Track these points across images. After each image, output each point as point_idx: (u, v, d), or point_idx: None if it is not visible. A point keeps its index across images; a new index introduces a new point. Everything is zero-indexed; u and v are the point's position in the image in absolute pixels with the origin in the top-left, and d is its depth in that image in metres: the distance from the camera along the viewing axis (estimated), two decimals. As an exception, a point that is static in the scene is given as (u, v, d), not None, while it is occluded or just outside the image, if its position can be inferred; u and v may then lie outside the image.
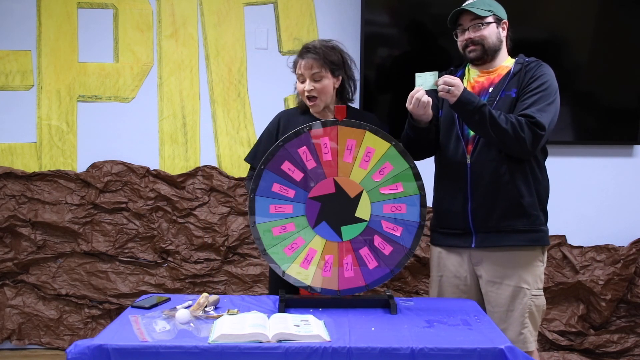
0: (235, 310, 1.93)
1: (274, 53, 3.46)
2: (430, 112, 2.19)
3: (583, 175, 3.47)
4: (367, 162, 1.99)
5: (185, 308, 1.90)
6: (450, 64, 2.46)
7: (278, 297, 2.04)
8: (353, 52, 3.37)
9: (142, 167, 3.47)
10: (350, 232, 2.01)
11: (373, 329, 1.81)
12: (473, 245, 2.25)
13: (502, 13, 2.28)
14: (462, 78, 2.32)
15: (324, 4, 3.45)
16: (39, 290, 3.50)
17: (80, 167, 3.50)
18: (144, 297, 2.15)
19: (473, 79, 2.30)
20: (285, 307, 1.98)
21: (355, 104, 3.34)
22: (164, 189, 3.47)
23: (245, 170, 2.85)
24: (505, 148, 2.14)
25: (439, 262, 2.38)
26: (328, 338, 1.71)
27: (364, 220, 2.01)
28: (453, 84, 2.09)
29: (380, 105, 3.41)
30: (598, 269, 3.40)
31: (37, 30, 3.44)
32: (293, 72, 2.34)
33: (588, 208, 3.48)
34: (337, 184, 2.00)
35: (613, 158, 3.48)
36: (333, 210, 2.00)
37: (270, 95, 3.44)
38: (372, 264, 2.03)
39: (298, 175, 1.99)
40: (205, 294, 2.00)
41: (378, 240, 2.02)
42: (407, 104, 2.16)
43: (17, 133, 3.48)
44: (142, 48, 3.46)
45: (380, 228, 2.02)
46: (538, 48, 3.25)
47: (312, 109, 2.32)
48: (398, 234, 2.02)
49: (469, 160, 2.23)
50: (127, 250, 3.49)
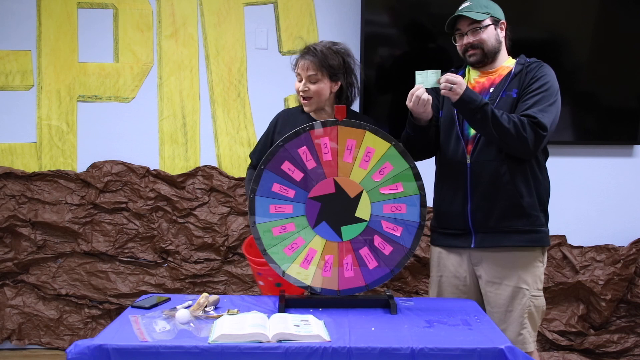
0: (235, 310, 1.93)
1: (274, 53, 3.46)
2: (430, 110, 2.19)
3: (583, 175, 3.47)
4: (367, 162, 1.99)
5: (185, 308, 1.90)
6: (451, 64, 2.46)
7: (278, 297, 2.05)
8: (353, 52, 3.37)
9: (142, 167, 3.47)
10: (350, 232, 2.01)
11: (373, 329, 1.81)
12: (473, 246, 2.25)
13: (499, 13, 2.27)
14: (463, 78, 2.32)
15: (324, 4, 3.45)
16: (39, 290, 3.50)
17: (80, 167, 3.50)
18: (144, 297, 2.15)
19: (474, 80, 2.30)
20: (285, 307, 1.98)
21: (356, 104, 3.36)
22: (164, 189, 3.47)
23: (246, 171, 2.85)
24: (507, 148, 2.14)
25: (439, 262, 2.38)
26: (328, 338, 1.71)
27: (364, 220, 2.01)
28: (455, 82, 2.09)
29: (380, 106, 3.40)
30: (598, 269, 3.40)
31: (37, 30, 3.44)
32: (293, 70, 2.34)
33: (588, 208, 3.48)
34: (337, 184, 2.00)
35: (613, 158, 3.48)
36: (333, 210, 2.00)
37: (270, 95, 3.44)
38: (372, 264, 2.03)
39: (298, 175, 1.99)
40: (205, 294, 2.00)
41: (378, 240, 2.02)
42: (407, 102, 2.16)
43: (17, 133, 3.48)
44: (142, 48, 3.46)
45: (380, 228, 2.02)
46: (538, 48, 3.24)
47: (305, 108, 2.32)
48: (398, 234, 2.02)
49: (469, 160, 2.22)
50: (127, 250, 3.48)
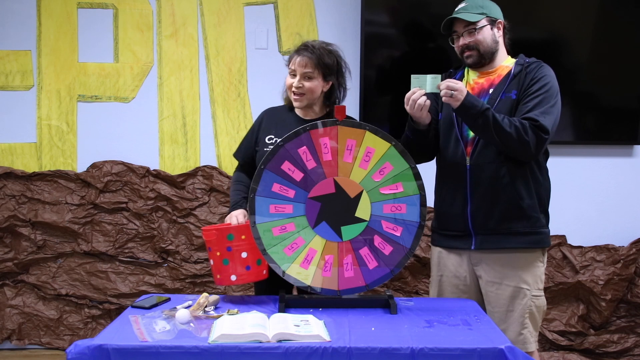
0: (235, 310, 1.93)
1: (274, 53, 3.46)
2: (428, 114, 2.18)
3: (583, 175, 3.47)
4: (367, 162, 1.99)
5: (185, 308, 1.90)
6: (450, 64, 2.47)
7: (278, 297, 2.05)
8: (353, 52, 3.40)
9: (142, 167, 3.47)
10: (350, 232, 2.01)
11: (373, 329, 1.81)
12: (473, 247, 2.25)
13: (496, 12, 2.25)
14: (461, 79, 2.32)
15: (324, 4, 3.45)
16: (39, 290, 3.50)
17: (80, 167, 3.50)
18: (144, 297, 2.15)
19: (473, 80, 2.30)
20: (285, 307, 1.98)
21: (355, 104, 3.37)
22: (164, 189, 3.47)
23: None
24: (509, 151, 2.14)
25: (439, 261, 2.38)
26: (328, 338, 1.71)
27: (364, 220, 2.01)
28: (456, 88, 2.07)
29: (380, 106, 3.40)
30: (598, 269, 3.40)
31: (37, 30, 3.44)
32: (287, 65, 2.33)
33: (588, 208, 3.48)
34: (337, 184, 2.00)
35: (613, 158, 3.48)
36: (333, 210, 2.00)
37: (270, 95, 3.41)
38: (372, 264, 2.03)
39: (298, 175, 1.99)
40: (205, 294, 2.00)
41: (378, 240, 2.02)
42: (404, 105, 2.16)
43: (17, 133, 3.48)
44: (142, 48, 3.46)
45: (380, 228, 2.02)
46: (538, 48, 3.24)
47: (295, 104, 2.31)
48: (398, 234, 2.02)
49: (469, 162, 2.22)
50: (127, 250, 3.48)
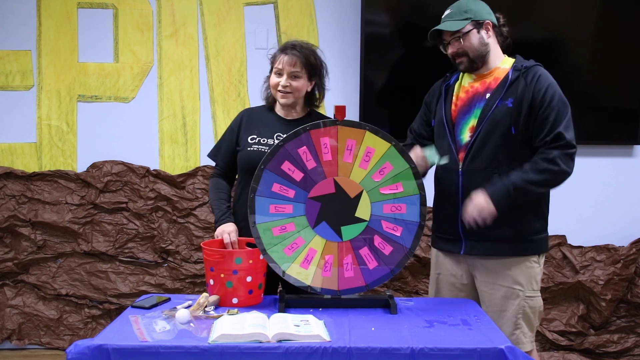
0: (235, 310, 1.93)
1: (274, 53, 3.46)
2: (426, 164, 2.25)
3: (583, 175, 3.45)
4: (367, 162, 1.99)
5: (185, 308, 1.90)
6: (450, 65, 2.46)
7: (278, 297, 2.05)
8: (353, 52, 3.41)
9: (142, 167, 3.47)
10: (350, 232, 2.01)
11: (373, 329, 1.81)
12: (462, 252, 2.28)
13: (483, 13, 2.22)
14: (456, 83, 2.33)
15: (324, 4, 3.44)
16: (39, 290, 3.50)
17: (80, 167, 3.50)
18: (144, 297, 2.15)
19: (468, 83, 2.29)
20: (285, 307, 1.98)
21: (355, 104, 3.37)
22: (164, 189, 3.47)
23: None
24: (558, 185, 2.17)
25: (437, 260, 2.41)
26: (328, 338, 1.71)
27: (364, 220, 2.01)
28: (481, 215, 2.10)
29: (380, 106, 3.40)
30: (598, 269, 3.40)
31: (37, 30, 3.44)
32: (271, 64, 2.32)
33: (588, 208, 3.48)
34: (337, 184, 2.00)
35: (613, 158, 3.48)
36: (333, 210, 2.00)
37: (270, 95, 3.44)
38: (372, 264, 2.03)
39: (298, 175, 1.99)
40: (205, 294, 2.00)
41: (378, 240, 2.02)
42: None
43: (17, 133, 3.48)
44: (142, 48, 3.46)
45: (380, 228, 2.02)
46: (538, 48, 3.26)
47: (281, 101, 2.30)
48: (398, 234, 2.02)
49: (461, 168, 2.23)
50: (127, 250, 3.48)
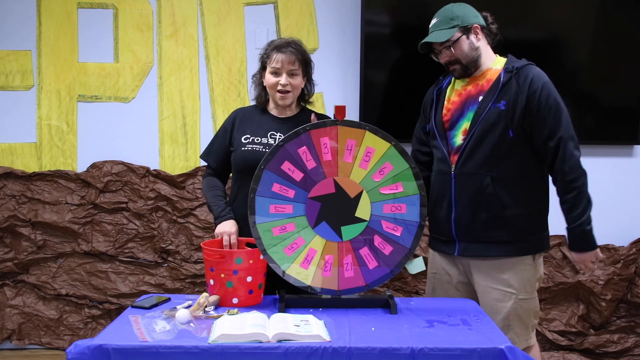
0: (235, 311, 1.93)
1: (274, 53, 3.45)
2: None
3: (583, 175, 3.46)
4: (367, 162, 1.99)
5: (185, 308, 1.90)
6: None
7: (278, 297, 2.05)
8: (353, 52, 3.41)
9: (142, 167, 3.47)
10: (350, 232, 2.01)
11: (373, 329, 1.81)
12: (456, 254, 2.29)
13: (470, 17, 2.21)
14: (448, 86, 2.33)
15: (324, 4, 3.44)
16: (39, 290, 3.50)
17: (80, 167, 3.50)
18: (144, 297, 2.15)
19: (461, 86, 2.29)
20: (285, 307, 1.98)
21: (355, 104, 3.37)
22: (164, 189, 3.47)
23: None
24: (586, 176, 2.33)
25: (433, 259, 2.43)
26: (328, 338, 1.71)
27: (364, 220, 2.01)
28: (588, 265, 2.26)
29: (380, 105, 3.40)
30: (598, 269, 3.40)
31: (37, 30, 3.44)
32: (263, 65, 2.30)
33: (588, 208, 3.48)
34: (337, 184, 2.00)
35: (613, 158, 3.48)
36: (333, 210, 2.00)
37: (270, 95, 3.44)
38: (372, 264, 2.03)
39: (298, 175, 1.99)
40: (205, 294, 2.00)
41: (378, 240, 2.02)
42: None
43: (17, 133, 3.48)
44: (142, 48, 3.46)
45: (380, 228, 2.02)
46: (538, 48, 3.26)
47: (281, 102, 2.29)
48: (398, 234, 2.02)
49: (453, 171, 2.24)
50: (127, 250, 3.48)
